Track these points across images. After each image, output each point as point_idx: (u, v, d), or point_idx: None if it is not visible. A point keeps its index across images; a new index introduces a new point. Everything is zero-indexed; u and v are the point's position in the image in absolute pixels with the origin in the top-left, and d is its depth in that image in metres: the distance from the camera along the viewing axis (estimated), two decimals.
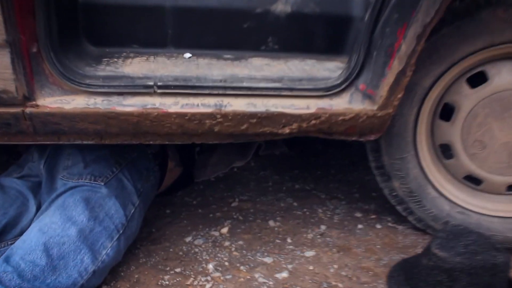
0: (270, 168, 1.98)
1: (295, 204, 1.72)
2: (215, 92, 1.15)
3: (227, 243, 1.48)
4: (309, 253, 1.45)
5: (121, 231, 1.27)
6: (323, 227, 1.58)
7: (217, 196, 1.74)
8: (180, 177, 1.75)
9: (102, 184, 1.28)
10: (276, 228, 1.58)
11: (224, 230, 1.54)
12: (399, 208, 1.56)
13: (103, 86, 1.11)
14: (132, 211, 1.33)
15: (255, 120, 1.18)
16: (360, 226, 1.61)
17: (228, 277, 1.32)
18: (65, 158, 1.32)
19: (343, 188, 1.84)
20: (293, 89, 1.20)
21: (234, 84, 1.17)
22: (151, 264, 1.38)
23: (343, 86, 1.22)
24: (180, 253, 1.43)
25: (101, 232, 1.22)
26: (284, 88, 1.19)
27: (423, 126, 1.46)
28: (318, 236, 1.54)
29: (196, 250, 1.45)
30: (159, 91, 1.13)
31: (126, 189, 1.33)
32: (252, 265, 1.39)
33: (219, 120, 1.16)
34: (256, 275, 1.34)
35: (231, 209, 1.67)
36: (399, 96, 1.21)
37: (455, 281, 1.13)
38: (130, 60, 1.23)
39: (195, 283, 1.29)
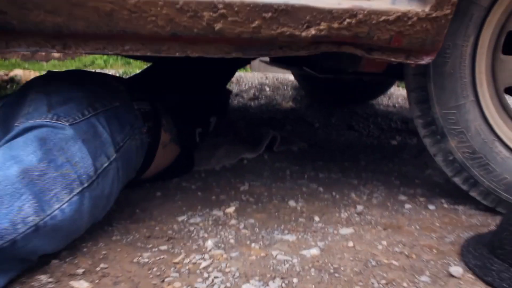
0: (288, 160, 1.63)
1: (320, 189, 1.35)
2: None
3: (233, 222, 1.11)
4: (346, 231, 1.08)
5: (85, 184, 0.92)
6: (360, 207, 1.21)
7: (222, 182, 1.39)
8: (178, 160, 1.41)
9: (67, 124, 0.95)
10: (298, 208, 1.21)
11: (230, 209, 1.18)
12: (457, 179, 1.20)
13: None
14: (105, 166, 0.99)
15: (269, 15, 0.88)
16: (408, 206, 1.24)
17: (233, 254, 0.95)
18: (26, 106, 1.01)
19: (378, 176, 1.48)
20: None
21: None
22: (127, 242, 1.01)
23: None
24: (169, 231, 1.06)
25: (56, 179, 0.88)
26: None
27: (483, 63, 1.14)
28: (355, 215, 1.17)
29: (191, 228, 1.07)
30: None
31: (99, 136, 1.00)
32: (267, 242, 1.01)
33: (222, 12, 0.86)
34: (274, 252, 0.96)
35: (240, 192, 1.31)
36: None
37: None
38: None
39: (186, 261, 0.92)
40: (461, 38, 1.11)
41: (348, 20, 0.90)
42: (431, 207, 1.23)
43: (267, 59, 2.26)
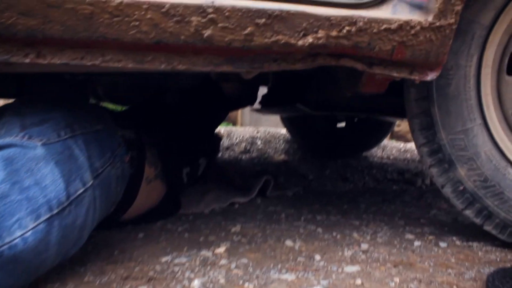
0: (282, 204, 1.52)
1: (319, 230, 1.23)
2: None
3: (223, 262, 0.98)
4: (352, 269, 0.95)
5: (55, 211, 0.80)
6: (364, 246, 1.09)
7: (211, 225, 1.26)
8: (163, 201, 1.29)
9: (39, 144, 0.85)
10: (296, 247, 1.08)
11: (220, 249, 1.05)
12: (469, 212, 1.09)
13: None
14: (80, 192, 0.87)
15: (263, 21, 0.81)
16: (417, 243, 1.12)
17: None
18: None
19: (380, 217, 1.36)
20: None
21: None
22: (100, 283, 0.86)
23: None
24: (151, 272, 0.92)
25: (21, 202, 0.76)
26: None
27: (489, 84, 1.08)
28: (360, 253, 1.05)
29: (176, 268, 0.94)
30: None
31: (75, 160, 0.89)
32: (263, 282, 0.88)
33: (211, 17, 0.80)
34: None
35: (231, 234, 1.18)
36: None
37: None
38: None
39: None
40: (463, 58, 1.05)
41: (347, 28, 0.84)
42: (443, 244, 1.11)
43: (258, 106, 2.20)
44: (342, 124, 2.93)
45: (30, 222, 0.76)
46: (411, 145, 3.66)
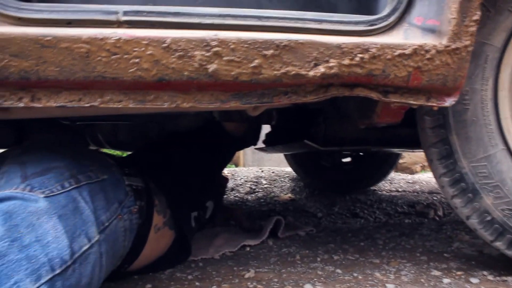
0: (296, 245, 1.44)
1: (338, 270, 1.15)
2: (208, 21, 0.77)
3: None
4: None
5: (57, 271, 0.73)
6: (390, 286, 1.01)
7: (223, 271, 1.18)
8: (172, 248, 1.21)
9: (41, 196, 0.78)
10: None
11: None
12: (500, 244, 1.02)
13: (40, 11, 0.73)
14: (85, 249, 0.80)
15: (271, 52, 0.77)
16: (446, 280, 1.04)
17: None
18: None
19: (400, 254, 1.28)
20: (323, 21, 0.82)
21: (236, 12, 0.79)
22: None
23: (391, 19, 0.85)
24: None
25: (20, 262, 0.69)
26: (309, 19, 0.81)
27: (507, 107, 1.03)
28: None
29: None
30: (124, 18, 0.75)
31: (80, 213, 0.82)
32: None
33: (216, 50, 0.75)
34: None
35: (245, 279, 1.10)
36: (475, 18, 0.83)
37: None
38: None
39: None
40: (478, 82, 1.01)
41: (360, 55, 0.80)
42: (474, 280, 1.03)
43: (262, 145, 2.15)
44: (347, 159, 2.87)
45: (29, 285, 0.69)
46: (419, 176, 3.60)
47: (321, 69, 0.79)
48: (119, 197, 0.96)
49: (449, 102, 0.88)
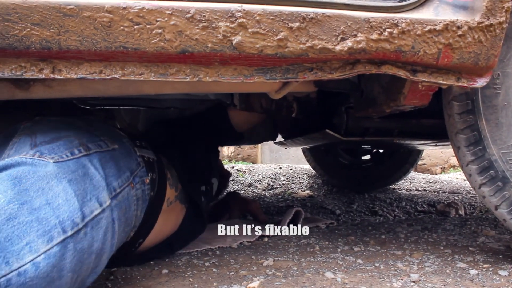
0: (315, 236, 1.41)
1: (359, 261, 1.12)
2: None
3: None
4: None
5: (69, 233, 0.72)
6: (414, 276, 0.97)
7: (241, 259, 1.15)
8: (184, 223, 1.20)
9: (51, 161, 0.77)
10: (338, 279, 0.97)
11: (254, 284, 0.94)
12: None
13: None
14: (96, 213, 0.79)
15: (297, 25, 0.75)
16: (473, 271, 0.99)
17: None
18: (7, 149, 0.84)
19: (423, 246, 1.24)
20: None
21: None
22: None
23: None
24: None
25: (31, 224, 0.68)
26: None
27: None
28: (411, 283, 0.93)
29: None
30: None
31: (91, 179, 0.81)
32: None
33: (241, 21, 0.73)
34: None
35: (264, 267, 1.08)
36: None
37: None
38: None
39: None
40: (511, 66, 0.97)
41: (388, 30, 0.77)
42: (503, 273, 0.99)
43: (281, 138, 2.13)
44: (366, 157, 2.83)
45: (41, 246, 0.68)
46: (439, 177, 3.53)
47: (348, 43, 0.76)
48: (130, 167, 0.94)
49: (480, 83, 0.85)
